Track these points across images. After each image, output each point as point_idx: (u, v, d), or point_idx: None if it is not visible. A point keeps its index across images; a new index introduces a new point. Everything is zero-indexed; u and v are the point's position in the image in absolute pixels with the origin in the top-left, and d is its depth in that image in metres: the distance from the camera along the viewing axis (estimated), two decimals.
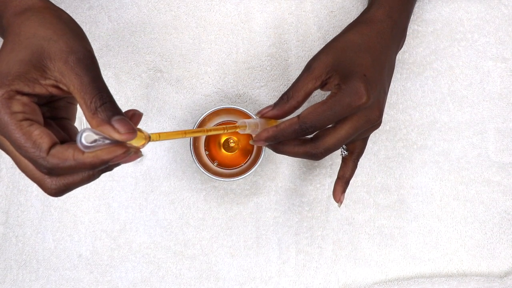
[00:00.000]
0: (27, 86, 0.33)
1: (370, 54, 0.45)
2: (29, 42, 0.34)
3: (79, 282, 0.55)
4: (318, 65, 0.44)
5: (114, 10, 0.57)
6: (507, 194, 0.57)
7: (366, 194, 0.57)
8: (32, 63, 0.33)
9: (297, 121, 0.42)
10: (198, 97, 0.57)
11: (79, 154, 0.32)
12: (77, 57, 0.33)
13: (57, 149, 0.32)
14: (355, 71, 0.43)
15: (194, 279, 0.55)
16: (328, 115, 0.42)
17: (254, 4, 0.57)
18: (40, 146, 0.32)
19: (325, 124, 0.42)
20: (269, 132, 0.43)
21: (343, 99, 0.42)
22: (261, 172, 0.57)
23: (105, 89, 0.33)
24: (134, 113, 0.35)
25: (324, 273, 0.56)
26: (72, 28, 0.36)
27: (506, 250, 0.57)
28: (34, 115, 0.33)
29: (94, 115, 0.32)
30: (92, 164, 0.32)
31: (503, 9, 0.58)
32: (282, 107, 0.44)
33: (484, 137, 0.58)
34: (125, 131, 0.32)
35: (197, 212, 0.56)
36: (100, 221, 0.55)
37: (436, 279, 0.56)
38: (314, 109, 0.42)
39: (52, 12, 0.36)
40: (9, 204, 0.55)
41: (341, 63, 0.44)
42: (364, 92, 0.42)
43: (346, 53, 0.45)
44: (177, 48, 0.57)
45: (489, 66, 0.58)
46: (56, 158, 0.32)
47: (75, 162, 0.32)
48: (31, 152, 0.32)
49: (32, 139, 0.32)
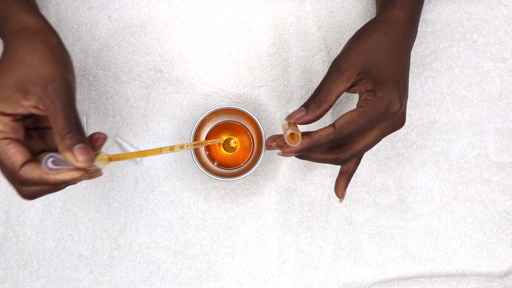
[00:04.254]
0: (10, 108, 0.37)
1: (398, 58, 0.44)
2: (17, 67, 0.38)
3: (79, 281, 0.55)
4: (349, 66, 0.43)
5: (114, 10, 0.57)
6: (507, 194, 0.58)
7: (366, 194, 0.57)
8: (16, 87, 0.38)
9: (333, 131, 0.41)
10: (198, 97, 0.57)
11: (44, 174, 0.37)
12: (54, 86, 0.38)
13: (27, 168, 0.37)
14: (389, 77, 0.42)
15: (194, 279, 0.55)
16: (365, 123, 0.41)
17: (254, 5, 0.57)
18: (13, 164, 0.37)
19: (361, 132, 0.41)
20: (303, 144, 0.42)
21: (379, 107, 0.41)
22: (261, 172, 0.57)
23: (74, 118, 0.38)
24: (99, 137, 0.40)
25: (324, 273, 0.56)
26: (57, 56, 0.40)
27: (505, 250, 0.57)
28: (13, 133, 0.38)
29: (61, 140, 0.37)
30: (54, 183, 0.37)
31: (503, 9, 0.58)
32: (315, 111, 0.42)
33: (484, 137, 0.58)
34: (83, 160, 0.37)
35: (197, 212, 0.56)
36: (101, 221, 0.55)
37: (436, 279, 0.56)
38: (351, 118, 0.41)
39: (42, 37, 0.41)
40: (9, 204, 0.55)
41: (374, 67, 0.42)
42: (398, 101, 0.41)
43: (378, 56, 0.43)
44: (177, 48, 0.57)
45: (488, 66, 0.58)
46: (25, 175, 0.37)
47: (40, 180, 0.37)
48: (7, 166, 0.37)
49: (8, 156, 0.37)
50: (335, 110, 0.57)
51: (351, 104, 0.57)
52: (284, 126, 0.43)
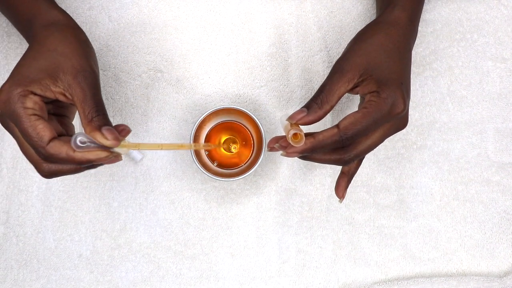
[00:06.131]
0: (39, 90, 0.40)
1: (400, 59, 0.44)
2: (49, 55, 0.41)
3: (79, 281, 0.55)
4: (351, 67, 0.43)
5: (114, 10, 0.57)
6: (507, 194, 0.58)
7: (366, 194, 0.57)
8: (47, 73, 0.40)
9: (337, 132, 0.41)
10: (198, 97, 0.57)
11: (71, 151, 0.39)
12: (84, 75, 0.41)
13: (55, 143, 0.39)
14: (392, 78, 0.42)
15: (194, 279, 0.55)
16: (369, 124, 0.41)
17: (254, 5, 0.57)
18: (42, 138, 0.39)
19: (365, 133, 0.41)
20: (307, 144, 0.42)
21: (383, 108, 0.41)
22: (261, 172, 0.57)
23: (101, 104, 0.41)
24: (124, 128, 0.42)
25: (324, 273, 0.56)
26: (85, 49, 0.43)
27: (505, 250, 0.57)
28: (41, 112, 0.40)
29: (89, 122, 0.40)
30: (80, 161, 0.39)
31: (503, 9, 0.58)
32: (317, 112, 0.42)
33: (484, 137, 0.58)
34: (111, 138, 0.39)
35: (197, 212, 0.56)
36: (101, 220, 0.56)
37: (436, 279, 0.56)
38: (355, 119, 0.41)
39: (72, 31, 0.44)
40: (9, 204, 0.55)
41: (376, 68, 0.43)
42: (402, 101, 0.41)
43: (380, 57, 0.43)
44: (177, 48, 0.57)
45: (488, 66, 0.58)
46: (52, 150, 0.39)
47: (66, 156, 0.39)
48: (35, 141, 0.39)
49: (37, 131, 0.39)
50: (335, 111, 0.57)
51: (351, 104, 0.57)
52: (287, 127, 0.43)
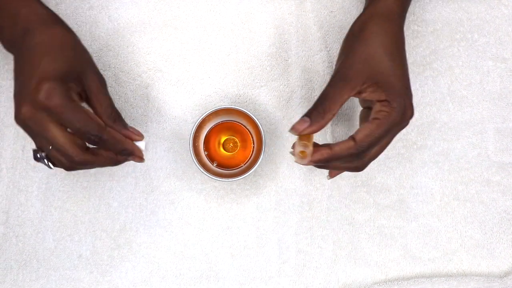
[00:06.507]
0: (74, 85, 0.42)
1: (401, 57, 0.44)
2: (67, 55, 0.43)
3: (79, 282, 0.55)
4: (355, 75, 0.42)
5: (114, 10, 0.57)
6: (507, 194, 0.57)
7: (366, 194, 0.57)
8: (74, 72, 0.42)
9: (354, 146, 0.42)
10: (198, 97, 0.57)
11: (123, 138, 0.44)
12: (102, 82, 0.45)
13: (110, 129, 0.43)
14: (398, 84, 0.42)
15: (194, 279, 0.55)
16: (382, 134, 0.42)
17: (254, 4, 0.57)
18: (100, 124, 0.42)
19: (379, 143, 0.42)
20: (323, 155, 0.42)
21: (396, 118, 0.41)
22: (261, 172, 0.57)
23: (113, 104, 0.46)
24: None
25: (324, 273, 0.56)
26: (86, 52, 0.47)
27: (506, 250, 0.57)
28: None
29: (114, 123, 0.45)
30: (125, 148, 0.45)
31: (503, 9, 0.58)
32: (320, 122, 0.42)
33: (484, 137, 0.58)
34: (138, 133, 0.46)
35: (197, 212, 0.56)
36: (100, 221, 0.55)
37: (436, 279, 0.56)
38: (371, 131, 0.41)
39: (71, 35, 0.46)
40: (9, 204, 0.55)
41: (380, 73, 0.42)
42: (411, 107, 0.42)
43: (384, 62, 0.43)
44: (177, 48, 0.57)
45: (488, 66, 0.58)
46: (111, 134, 0.43)
47: (119, 142, 0.44)
48: (91, 127, 0.41)
49: (92, 118, 0.42)
50: None
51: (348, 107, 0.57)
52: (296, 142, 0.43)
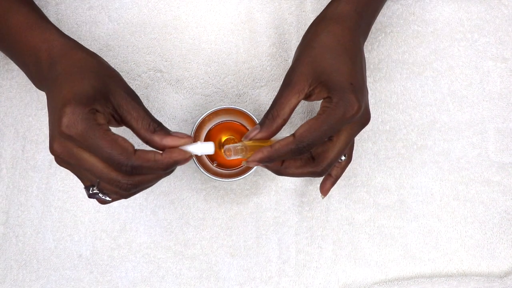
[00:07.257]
0: (100, 107, 0.39)
1: (348, 56, 0.44)
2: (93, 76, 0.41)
3: (79, 282, 0.55)
4: (298, 78, 0.43)
5: (114, 10, 0.57)
6: (507, 194, 0.57)
7: (366, 194, 0.57)
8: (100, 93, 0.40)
9: (293, 141, 0.41)
10: (198, 97, 0.57)
11: (158, 156, 0.39)
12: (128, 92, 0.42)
13: (141, 152, 0.38)
14: (340, 80, 0.42)
15: (194, 279, 0.55)
16: (324, 130, 0.41)
17: (254, 4, 0.57)
18: (127, 149, 0.38)
19: (322, 140, 0.42)
20: (264, 153, 0.42)
21: (336, 113, 0.41)
22: (261, 172, 0.57)
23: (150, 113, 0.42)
24: None
25: (324, 273, 0.56)
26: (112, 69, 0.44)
27: (506, 250, 0.57)
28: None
29: (154, 133, 0.40)
30: (167, 164, 0.39)
31: (503, 9, 0.58)
32: (269, 128, 0.43)
33: (484, 137, 0.58)
34: (184, 136, 0.41)
35: (197, 212, 0.56)
36: (100, 221, 0.55)
37: (436, 279, 0.56)
38: (309, 127, 0.41)
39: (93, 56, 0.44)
40: (9, 204, 0.55)
41: (323, 73, 0.43)
42: (355, 101, 0.41)
43: (326, 61, 0.43)
44: (177, 48, 0.57)
45: (489, 66, 0.58)
46: (140, 159, 0.38)
47: (154, 163, 0.38)
48: (117, 155, 0.37)
49: (119, 144, 0.38)
50: None
51: None
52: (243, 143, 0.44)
